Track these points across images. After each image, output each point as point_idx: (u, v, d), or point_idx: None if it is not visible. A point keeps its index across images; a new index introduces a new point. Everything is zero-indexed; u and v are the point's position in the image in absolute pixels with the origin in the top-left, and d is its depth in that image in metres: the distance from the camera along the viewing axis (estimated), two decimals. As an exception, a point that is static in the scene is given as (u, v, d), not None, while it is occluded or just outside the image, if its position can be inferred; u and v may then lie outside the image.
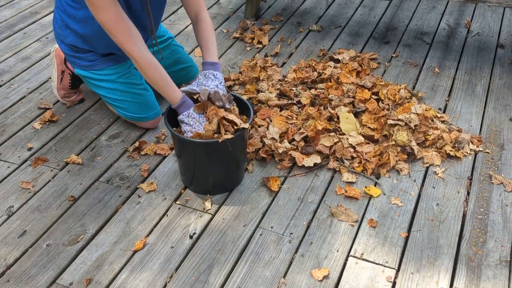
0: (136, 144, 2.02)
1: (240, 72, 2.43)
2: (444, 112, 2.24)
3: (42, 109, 2.25)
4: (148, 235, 1.69)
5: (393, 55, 2.63)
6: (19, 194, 1.83)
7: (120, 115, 2.11)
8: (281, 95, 2.24)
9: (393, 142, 1.97)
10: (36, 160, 1.96)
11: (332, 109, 2.10)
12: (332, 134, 1.98)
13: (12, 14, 3.01)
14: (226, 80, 2.39)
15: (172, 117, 1.83)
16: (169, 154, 2.01)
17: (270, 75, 2.38)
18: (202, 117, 1.75)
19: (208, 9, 3.05)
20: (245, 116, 1.83)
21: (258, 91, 2.31)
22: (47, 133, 2.11)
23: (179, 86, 2.32)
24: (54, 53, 2.21)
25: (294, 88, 2.26)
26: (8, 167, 1.95)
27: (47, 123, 2.16)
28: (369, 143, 1.99)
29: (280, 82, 2.34)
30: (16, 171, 1.93)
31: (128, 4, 1.83)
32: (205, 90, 1.76)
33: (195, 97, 1.81)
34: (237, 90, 2.34)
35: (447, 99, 2.32)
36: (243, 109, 1.84)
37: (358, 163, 1.95)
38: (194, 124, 1.74)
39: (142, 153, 2.01)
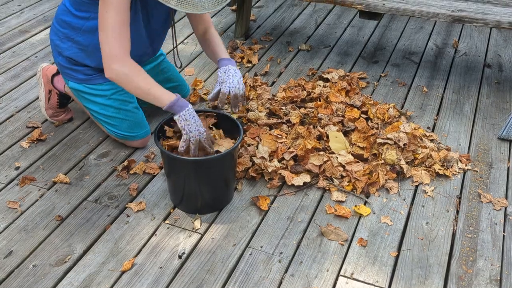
0: (125, 163, 2.01)
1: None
2: (432, 131, 2.26)
3: (30, 127, 2.23)
4: (136, 255, 1.67)
5: (382, 75, 2.66)
6: (6, 214, 1.81)
7: (109, 133, 2.10)
8: (271, 114, 2.25)
9: (383, 161, 1.97)
10: (23, 179, 1.94)
11: (322, 128, 2.11)
12: (322, 153, 1.98)
13: (1, 32, 3.00)
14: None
15: (162, 135, 1.83)
16: (158, 173, 2.00)
17: (259, 94, 2.38)
18: (199, 121, 1.77)
19: (198, 29, 3.08)
20: (233, 140, 1.83)
21: (248, 110, 2.31)
22: (35, 152, 2.09)
23: None
24: (40, 72, 2.20)
25: (283, 107, 2.27)
26: (-5, 186, 1.93)
27: (35, 142, 2.15)
28: (358, 162, 2.00)
29: (270, 101, 2.35)
30: (2, 190, 1.91)
31: (147, 20, 1.88)
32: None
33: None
34: (226, 109, 2.34)
35: (435, 118, 2.34)
36: (233, 128, 1.84)
37: (347, 181, 1.95)
38: (194, 124, 1.73)
39: (131, 172, 1.99)
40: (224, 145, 1.82)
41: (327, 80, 2.53)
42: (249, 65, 2.72)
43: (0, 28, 3.05)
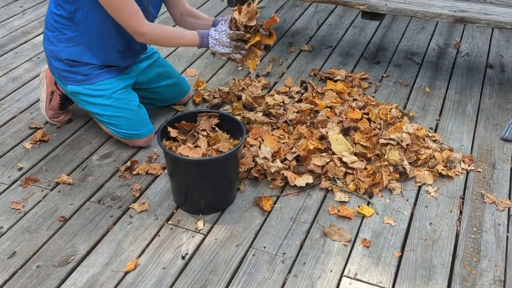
0: (128, 163, 2.01)
1: (228, 92, 2.44)
2: (435, 131, 2.26)
3: (33, 128, 2.23)
4: (139, 256, 1.67)
5: (384, 75, 2.66)
6: (9, 215, 1.81)
7: (112, 133, 2.10)
8: (268, 114, 2.25)
9: (386, 162, 1.97)
10: (26, 180, 1.94)
11: (322, 128, 2.11)
12: (324, 154, 1.98)
13: (4, 34, 3.01)
14: (214, 98, 2.41)
15: (165, 136, 1.83)
16: (161, 173, 2.00)
17: (256, 95, 2.38)
18: (219, 27, 1.87)
19: (200, 29, 3.08)
20: (236, 141, 1.83)
21: (244, 106, 2.32)
22: (38, 153, 2.10)
23: (173, 102, 2.34)
24: (44, 73, 2.20)
25: (280, 107, 2.28)
26: (-2, 187, 1.93)
27: (38, 143, 2.15)
28: (362, 161, 1.99)
29: (267, 102, 2.34)
30: (6, 191, 1.91)
31: None
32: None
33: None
34: (225, 108, 2.35)
35: (438, 118, 2.34)
36: (236, 128, 1.84)
37: (351, 181, 1.95)
38: (220, 37, 1.86)
39: (134, 172, 1.99)
40: (226, 146, 1.82)
41: (329, 78, 2.54)
42: (251, 66, 2.72)
43: (2, 29, 3.06)
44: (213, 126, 1.90)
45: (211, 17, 2.09)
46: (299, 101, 2.39)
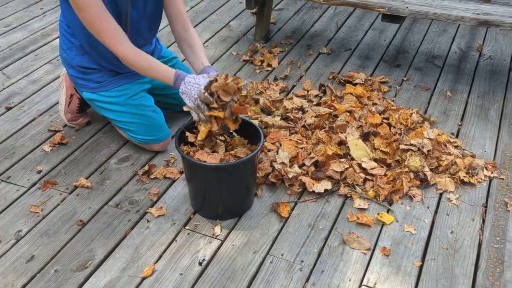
0: (146, 167, 2.01)
1: (246, 96, 2.42)
2: (457, 137, 2.21)
3: (52, 131, 2.25)
4: (156, 261, 1.66)
5: (404, 79, 2.62)
6: (28, 218, 1.82)
7: (129, 138, 2.10)
8: (286, 118, 2.23)
9: (406, 169, 1.94)
10: (45, 183, 1.95)
11: (341, 133, 2.08)
12: (343, 159, 1.95)
13: (24, 36, 3.03)
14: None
15: (183, 140, 1.82)
16: (178, 177, 1.99)
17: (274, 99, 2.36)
18: (199, 77, 1.72)
19: (217, 32, 3.08)
20: (254, 146, 1.81)
21: (262, 110, 2.30)
22: (56, 156, 2.11)
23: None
24: (63, 76, 2.22)
25: (298, 111, 2.26)
26: (17, 190, 1.94)
27: (57, 146, 2.16)
28: (382, 167, 1.96)
29: (284, 106, 2.32)
30: (25, 194, 1.92)
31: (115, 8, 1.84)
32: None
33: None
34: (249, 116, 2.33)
35: (459, 123, 2.29)
36: (253, 133, 1.82)
37: (370, 187, 1.92)
38: (192, 88, 1.70)
39: (152, 176, 1.99)
40: (244, 151, 1.81)
41: (348, 82, 2.51)
42: (269, 68, 2.71)
43: (23, 31, 3.09)
44: (231, 131, 1.88)
45: (205, 60, 1.92)
46: (318, 104, 2.37)
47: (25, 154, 2.12)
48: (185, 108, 1.76)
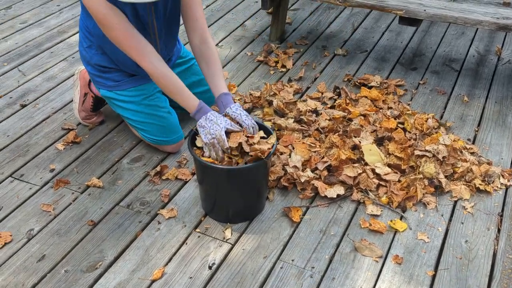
0: (158, 168, 2.00)
1: (259, 97, 2.41)
2: (473, 143, 2.17)
3: (66, 129, 2.25)
4: (166, 264, 1.66)
5: (421, 82, 2.58)
6: (40, 217, 1.82)
7: (142, 138, 2.10)
8: (299, 121, 2.21)
9: (421, 175, 1.91)
10: (57, 182, 1.95)
11: (355, 137, 2.05)
12: (356, 165, 1.93)
13: (40, 33, 3.05)
14: (245, 102, 2.39)
15: (195, 143, 1.81)
16: (190, 179, 1.99)
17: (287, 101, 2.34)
18: (221, 118, 1.70)
19: (232, 32, 3.07)
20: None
21: (275, 112, 2.29)
22: (69, 155, 2.11)
23: None
24: (78, 74, 2.22)
25: (312, 113, 2.24)
26: (30, 188, 1.95)
27: (70, 144, 2.16)
28: (396, 173, 1.93)
29: (298, 109, 2.30)
30: (37, 192, 1.93)
31: (135, 12, 1.80)
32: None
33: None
34: (255, 113, 2.32)
35: (476, 129, 2.25)
36: (267, 136, 1.80)
37: (384, 193, 1.89)
38: (212, 126, 1.68)
39: (163, 177, 1.99)
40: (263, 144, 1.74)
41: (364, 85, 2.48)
42: (283, 69, 2.69)
43: (39, 28, 3.10)
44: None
45: (223, 84, 1.83)
46: (332, 107, 2.34)
47: (38, 152, 2.13)
48: (198, 143, 1.74)
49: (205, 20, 1.91)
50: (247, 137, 1.70)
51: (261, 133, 1.74)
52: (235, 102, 1.79)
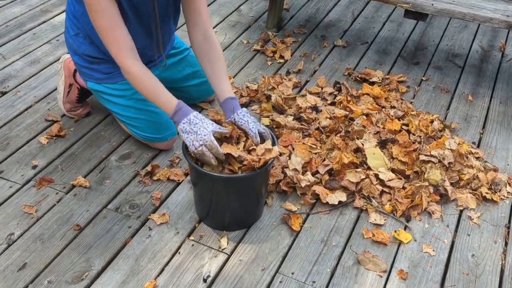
0: (148, 168, 1.88)
1: (256, 90, 2.29)
2: (478, 146, 2.09)
3: (50, 121, 2.11)
4: (158, 276, 1.55)
5: (423, 78, 2.48)
6: (21, 220, 1.70)
7: (132, 134, 1.97)
8: (299, 118, 2.10)
9: (426, 183, 1.82)
10: (40, 180, 1.82)
11: (358, 139, 1.95)
12: (359, 169, 1.83)
13: (22, 11, 2.86)
14: (242, 96, 2.26)
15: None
16: (183, 180, 1.87)
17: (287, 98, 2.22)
18: (205, 120, 1.54)
19: (227, 17, 2.92)
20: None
21: (274, 107, 2.17)
22: (53, 149, 1.97)
23: (200, 101, 2.18)
24: (62, 64, 2.07)
25: (312, 110, 2.13)
26: (11, 187, 1.81)
27: (54, 138, 2.02)
28: (400, 179, 1.84)
29: (298, 105, 2.19)
30: (18, 192, 1.80)
31: (135, 9, 1.68)
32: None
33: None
34: (252, 108, 2.20)
35: (481, 132, 2.17)
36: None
37: (387, 201, 1.80)
38: (198, 130, 1.51)
39: (155, 178, 1.87)
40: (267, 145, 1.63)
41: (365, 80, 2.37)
42: (281, 60, 2.56)
43: (21, 6, 2.91)
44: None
45: (229, 87, 1.68)
46: (332, 103, 2.24)
47: (19, 146, 1.99)
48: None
49: (208, 15, 1.76)
50: (249, 150, 1.57)
51: (269, 143, 1.60)
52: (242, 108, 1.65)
